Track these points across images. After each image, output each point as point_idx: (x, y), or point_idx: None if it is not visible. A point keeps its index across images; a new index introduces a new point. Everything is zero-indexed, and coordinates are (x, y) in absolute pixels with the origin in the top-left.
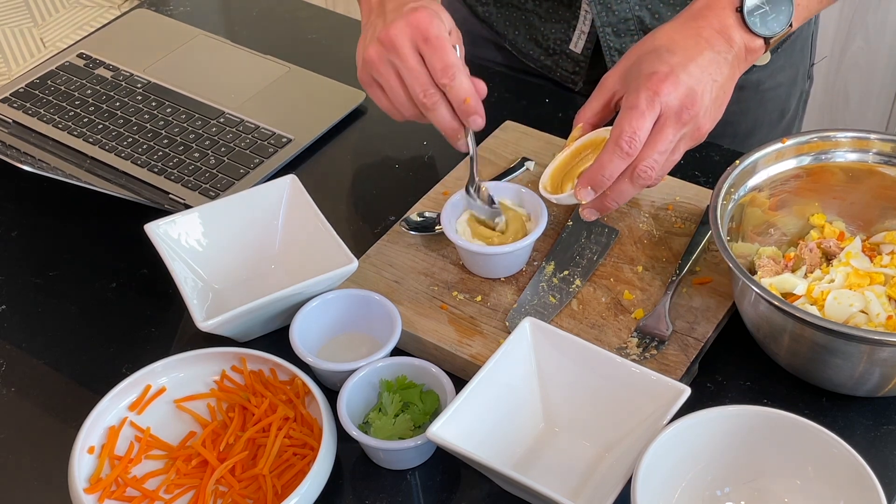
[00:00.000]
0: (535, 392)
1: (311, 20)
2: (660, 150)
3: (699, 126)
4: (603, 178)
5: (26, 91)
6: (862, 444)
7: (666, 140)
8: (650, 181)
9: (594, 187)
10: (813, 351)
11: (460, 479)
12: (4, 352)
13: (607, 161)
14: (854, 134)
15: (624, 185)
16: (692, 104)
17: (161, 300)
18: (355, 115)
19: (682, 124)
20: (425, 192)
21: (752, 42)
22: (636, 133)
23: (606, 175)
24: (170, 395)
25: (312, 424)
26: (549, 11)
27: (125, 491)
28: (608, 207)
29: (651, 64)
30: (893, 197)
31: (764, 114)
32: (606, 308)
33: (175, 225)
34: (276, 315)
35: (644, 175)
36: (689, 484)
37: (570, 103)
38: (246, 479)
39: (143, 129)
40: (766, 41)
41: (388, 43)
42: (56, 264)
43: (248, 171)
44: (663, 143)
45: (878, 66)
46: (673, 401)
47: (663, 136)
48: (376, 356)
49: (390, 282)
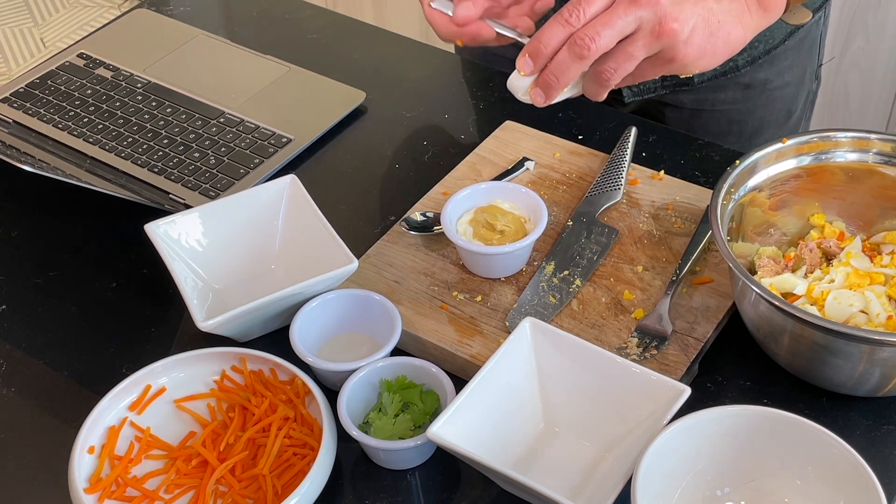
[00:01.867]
0: (535, 392)
1: (311, 20)
2: (604, 22)
3: (661, 20)
4: (540, 45)
5: (26, 91)
6: (862, 444)
7: (614, 15)
8: (588, 52)
9: (532, 56)
10: (813, 351)
11: (460, 479)
12: (4, 352)
13: (546, 28)
14: (854, 134)
15: (562, 55)
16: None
17: (161, 300)
18: (355, 115)
19: (637, 5)
20: (425, 192)
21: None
22: (581, 3)
23: (543, 42)
24: (170, 395)
25: (312, 424)
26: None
27: (125, 491)
28: (550, 84)
29: None
30: (893, 197)
31: (771, 113)
32: (606, 308)
33: (175, 225)
34: (276, 315)
35: (581, 44)
36: (689, 484)
37: (571, 103)
38: (246, 479)
39: (143, 129)
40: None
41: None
42: (56, 264)
43: (248, 171)
44: (610, 17)
45: (878, 66)
46: (673, 401)
47: (611, 11)
48: (376, 356)
49: (390, 282)
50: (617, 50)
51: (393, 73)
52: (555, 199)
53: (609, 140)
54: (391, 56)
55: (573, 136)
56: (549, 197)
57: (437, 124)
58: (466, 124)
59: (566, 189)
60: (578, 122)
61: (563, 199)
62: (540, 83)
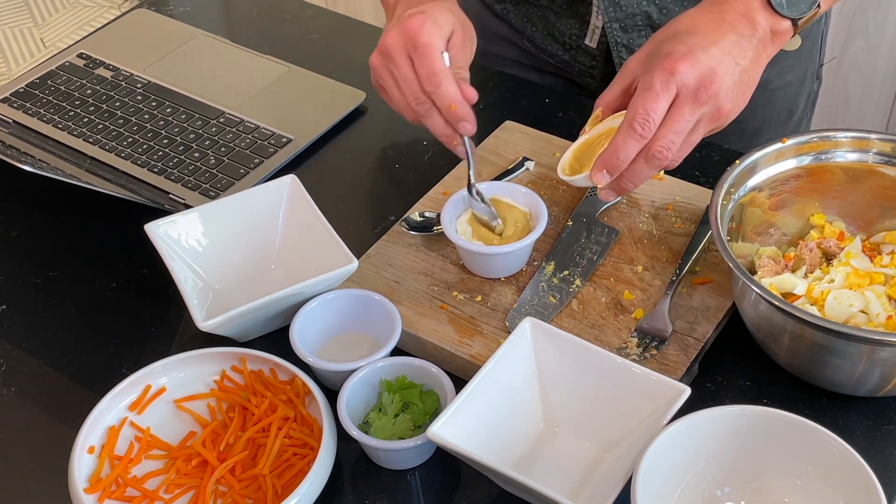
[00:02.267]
0: (535, 392)
1: (311, 20)
2: (675, 129)
3: (719, 107)
4: (618, 161)
5: (26, 91)
6: (862, 444)
7: (682, 120)
8: (666, 161)
9: (609, 170)
10: (813, 351)
11: (460, 479)
12: (4, 352)
13: (621, 143)
14: (854, 134)
15: (639, 166)
16: (710, 83)
17: (161, 300)
18: (355, 115)
19: (700, 104)
20: (425, 192)
21: (778, 24)
22: (650, 114)
23: (621, 158)
24: (170, 395)
25: (312, 424)
26: (564, 7)
27: (125, 491)
28: (625, 189)
29: (670, 45)
30: (893, 197)
31: (772, 113)
32: (606, 308)
33: (175, 225)
34: (276, 315)
35: (659, 156)
36: (689, 484)
37: (571, 103)
38: (246, 479)
39: (143, 129)
40: (794, 23)
41: (385, 51)
42: (56, 264)
43: (248, 171)
44: (679, 122)
45: (878, 66)
46: (673, 401)
47: (679, 116)
48: (376, 356)
49: (390, 282)
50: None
51: None
52: (555, 199)
53: None
54: None
55: (573, 136)
56: (549, 197)
57: None
58: None
59: (566, 189)
60: (578, 122)
61: (563, 199)
62: (615, 188)
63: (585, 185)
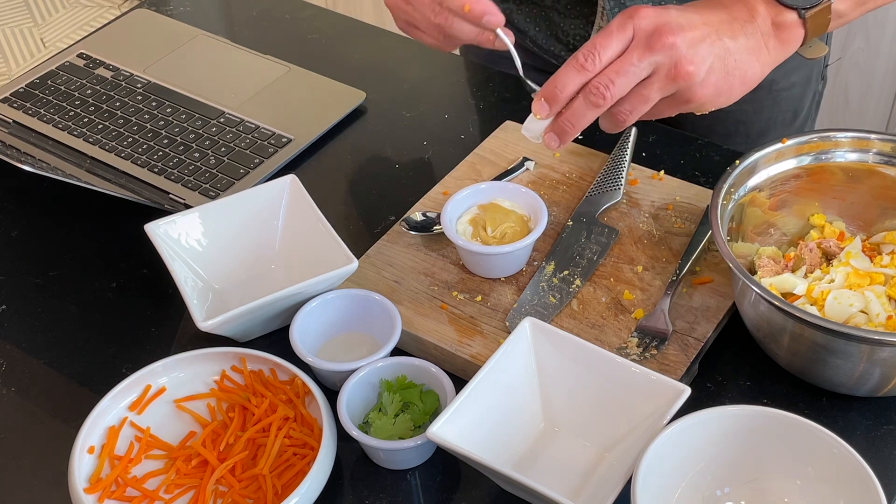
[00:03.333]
0: (535, 392)
1: (311, 20)
2: (618, 70)
3: (677, 61)
4: (555, 91)
5: (26, 91)
6: (862, 444)
7: (628, 62)
8: (604, 103)
9: (548, 99)
10: (813, 351)
11: (460, 479)
12: (4, 352)
13: (562, 72)
14: (854, 134)
15: (577, 102)
16: (667, 32)
17: (161, 300)
18: (355, 115)
19: (652, 50)
20: (425, 192)
21: (781, 16)
22: (596, 48)
23: (559, 87)
24: (170, 395)
25: (312, 424)
26: (569, 7)
27: (125, 491)
28: (566, 131)
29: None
30: (893, 197)
31: (777, 114)
32: (606, 308)
33: (175, 225)
34: (276, 315)
35: (596, 93)
36: (689, 484)
37: None
38: (246, 479)
39: (143, 129)
40: (800, 15)
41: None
42: (56, 264)
43: (248, 171)
44: (624, 64)
45: (878, 66)
46: (673, 401)
47: (626, 58)
48: (376, 356)
49: (390, 282)
50: (633, 93)
51: (393, 73)
52: (555, 199)
53: (609, 140)
54: (391, 56)
55: None
56: (549, 197)
57: (437, 124)
58: (466, 124)
59: (566, 189)
60: None
61: (563, 199)
62: (555, 129)
63: (532, 128)
